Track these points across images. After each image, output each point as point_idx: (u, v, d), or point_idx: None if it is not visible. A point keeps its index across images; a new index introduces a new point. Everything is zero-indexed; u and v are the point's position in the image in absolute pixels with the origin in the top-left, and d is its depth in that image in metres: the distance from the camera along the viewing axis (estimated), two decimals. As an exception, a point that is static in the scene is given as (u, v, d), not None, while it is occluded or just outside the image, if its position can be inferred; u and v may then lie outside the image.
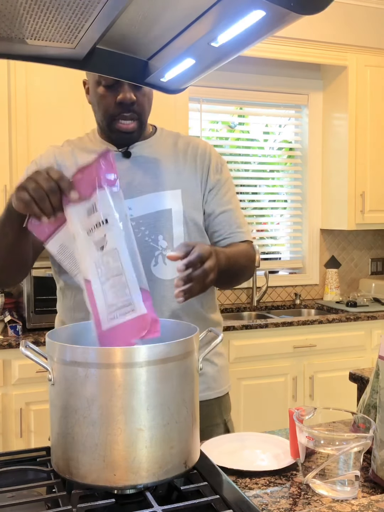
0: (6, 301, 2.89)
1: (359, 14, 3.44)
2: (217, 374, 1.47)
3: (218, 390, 1.47)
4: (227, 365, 1.54)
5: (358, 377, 1.65)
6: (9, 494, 0.94)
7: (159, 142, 1.45)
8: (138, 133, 1.39)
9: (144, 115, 1.38)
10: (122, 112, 1.33)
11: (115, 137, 1.39)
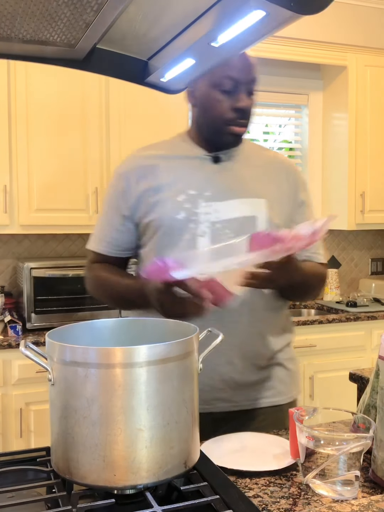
0: (6, 301, 2.89)
1: (359, 14, 3.44)
2: (288, 380, 1.46)
3: (289, 395, 1.46)
4: (298, 369, 1.53)
5: (358, 377, 1.65)
6: (9, 494, 0.94)
7: (245, 150, 1.46)
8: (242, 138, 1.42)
9: (250, 122, 1.41)
10: (238, 118, 1.35)
11: (223, 139, 1.39)
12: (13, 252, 3.10)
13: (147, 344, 0.88)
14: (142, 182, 1.40)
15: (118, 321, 1.12)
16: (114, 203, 1.44)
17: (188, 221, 1.36)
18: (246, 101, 1.35)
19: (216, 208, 1.37)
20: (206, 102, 1.38)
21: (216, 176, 1.41)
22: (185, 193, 1.38)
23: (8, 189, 2.75)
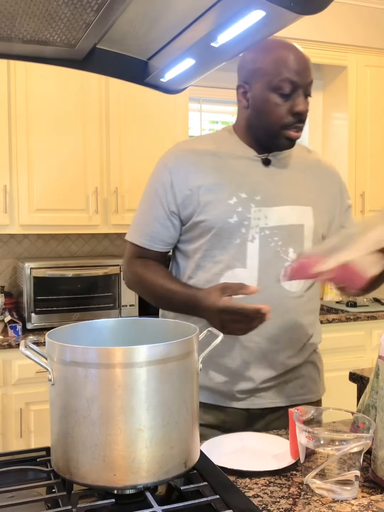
0: (6, 301, 2.89)
1: (359, 14, 3.44)
2: (318, 378, 1.48)
3: (317, 393, 1.47)
4: (323, 368, 1.55)
5: (358, 377, 1.65)
6: (9, 494, 0.94)
7: (293, 154, 1.44)
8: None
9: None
10: (296, 122, 1.32)
11: (277, 143, 1.36)
12: (13, 252, 3.10)
13: (147, 344, 0.88)
14: (192, 179, 1.36)
15: (118, 321, 1.12)
16: (160, 197, 1.39)
17: (240, 226, 1.34)
18: (305, 104, 1.32)
19: (265, 214, 1.35)
20: (263, 105, 1.34)
21: (266, 179, 1.38)
22: (237, 196, 1.35)
23: (8, 189, 2.75)
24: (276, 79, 1.29)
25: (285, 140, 1.35)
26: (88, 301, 2.82)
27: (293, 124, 1.32)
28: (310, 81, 1.34)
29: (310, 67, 1.35)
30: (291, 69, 1.29)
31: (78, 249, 3.22)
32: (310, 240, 1.39)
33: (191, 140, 1.49)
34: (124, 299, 2.87)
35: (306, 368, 1.45)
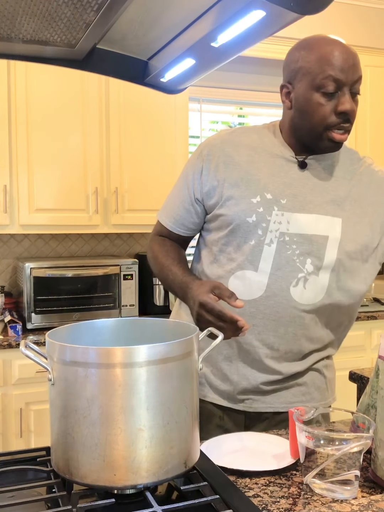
0: (6, 301, 2.89)
1: (359, 14, 3.44)
2: (324, 386, 1.44)
3: (323, 402, 1.43)
4: (335, 376, 1.50)
5: (358, 377, 1.65)
6: (9, 494, 0.94)
7: (337, 161, 1.37)
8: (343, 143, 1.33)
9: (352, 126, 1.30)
10: (341, 122, 1.25)
11: (322, 146, 1.30)
12: (13, 252, 3.10)
13: (147, 344, 0.88)
14: (221, 171, 1.34)
15: (118, 321, 1.12)
16: (189, 183, 1.40)
17: (257, 227, 1.30)
18: (350, 103, 1.24)
19: (288, 219, 1.29)
20: (306, 105, 1.27)
21: (297, 183, 1.32)
22: (262, 195, 1.31)
23: (8, 189, 2.75)
24: (319, 77, 1.23)
25: (329, 142, 1.28)
26: (88, 301, 2.82)
27: (337, 124, 1.25)
28: (358, 78, 1.24)
29: (357, 63, 1.25)
30: (334, 66, 1.21)
31: (78, 249, 3.22)
32: (335, 253, 1.30)
33: (234, 130, 1.43)
34: (124, 299, 2.87)
35: (309, 376, 1.40)
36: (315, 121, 1.27)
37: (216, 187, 1.34)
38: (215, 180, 1.34)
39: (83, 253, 3.24)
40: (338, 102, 1.24)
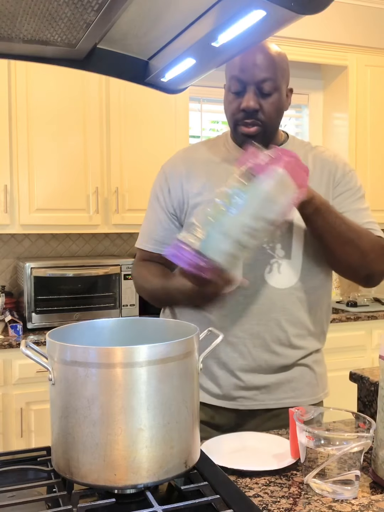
0: (7, 301, 2.89)
1: (359, 14, 3.44)
2: (315, 382, 1.45)
3: (314, 397, 1.45)
4: (325, 372, 1.52)
5: (358, 377, 1.65)
6: (9, 494, 0.94)
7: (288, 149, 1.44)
8: (261, 138, 1.38)
9: (270, 123, 1.37)
10: (244, 118, 1.35)
11: (239, 141, 1.41)
12: (13, 252, 3.10)
13: (147, 344, 0.88)
14: (185, 185, 1.43)
15: (118, 321, 1.12)
16: (161, 201, 1.47)
17: None
18: (250, 101, 1.33)
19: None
20: (224, 104, 1.41)
21: None
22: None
23: (9, 189, 2.75)
24: (228, 78, 1.38)
25: (241, 136, 1.39)
26: (88, 301, 2.82)
27: (242, 120, 1.36)
28: (263, 78, 1.33)
29: (263, 64, 1.33)
30: (236, 66, 1.33)
31: (79, 249, 3.23)
32: (301, 235, 1.37)
33: (188, 148, 1.55)
34: (124, 299, 2.87)
35: (298, 371, 1.42)
36: (228, 118, 1.41)
37: (182, 200, 1.43)
38: (181, 194, 1.43)
39: (83, 253, 3.24)
40: (242, 100, 1.34)
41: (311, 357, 1.44)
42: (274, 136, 1.44)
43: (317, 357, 1.47)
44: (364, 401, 1.41)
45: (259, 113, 1.35)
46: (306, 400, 1.43)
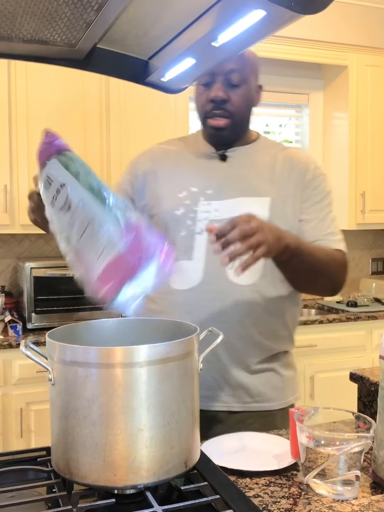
0: (6, 301, 2.89)
1: (360, 14, 3.44)
2: (282, 386, 1.43)
3: (282, 401, 1.43)
4: (295, 376, 1.50)
5: (359, 377, 1.65)
6: (9, 494, 0.94)
7: (258, 150, 1.45)
8: (231, 131, 1.39)
9: (238, 115, 1.38)
10: (213, 109, 1.36)
11: (209, 134, 1.42)
12: (13, 252, 3.10)
13: (147, 344, 0.88)
14: (151, 175, 1.44)
15: (118, 321, 1.12)
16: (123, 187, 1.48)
17: (186, 218, 1.37)
18: (218, 91, 1.33)
19: (216, 207, 1.37)
20: (194, 97, 1.42)
21: (220, 174, 1.41)
22: (188, 190, 1.39)
23: (9, 189, 2.75)
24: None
25: (210, 129, 1.39)
26: (88, 301, 2.80)
27: (211, 111, 1.36)
28: (230, 69, 1.34)
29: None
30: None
31: (79, 249, 3.22)
32: None
33: (164, 142, 1.55)
34: (124, 299, 2.87)
35: (265, 375, 1.40)
36: (198, 111, 1.42)
37: (145, 190, 1.44)
38: (145, 184, 1.44)
39: (83, 253, 3.23)
40: (211, 90, 1.35)
41: (277, 360, 1.42)
42: (244, 132, 1.44)
43: (285, 361, 1.45)
44: (364, 401, 1.41)
45: (228, 104, 1.35)
46: (272, 404, 1.41)
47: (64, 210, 0.97)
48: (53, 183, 0.99)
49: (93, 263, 0.95)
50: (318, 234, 1.38)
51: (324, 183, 1.44)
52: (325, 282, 1.38)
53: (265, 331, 1.38)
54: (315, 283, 1.39)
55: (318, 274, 1.34)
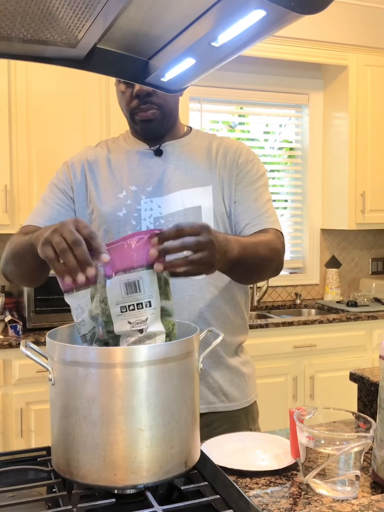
0: (7, 301, 2.89)
1: (360, 14, 3.44)
2: (243, 384, 1.44)
3: (245, 400, 1.43)
4: (254, 372, 1.50)
5: (359, 377, 1.65)
6: (9, 494, 0.94)
7: (192, 142, 1.46)
8: (160, 122, 1.39)
9: (165, 106, 1.37)
10: (140, 104, 1.36)
11: (139, 129, 1.42)
12: (13, 252, 3.10)
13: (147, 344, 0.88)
14: (89, 179, 1.42)
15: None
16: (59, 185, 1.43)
17: (130, 218, 1.35)
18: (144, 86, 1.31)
19: (158, 203, 1.36)
20: (118, 96, 1.42)
21: (158, 170, 1.40)
22: (127, 189, 1.38)
23: (8, 189, 2.75)
24: None
25: (141, 123, 1.39)
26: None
27: (137, 106, 1.36)
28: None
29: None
30: None
31: (79, 249, 3.22)
32: (211, 220, 1.35)
33: (94, 145, 1.54)
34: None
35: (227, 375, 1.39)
36: (123, 107, 1.41)
37: (84, 192, 1.41)
38: (83, 187, 1.41)
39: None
40: (134, 86, 1.34)
41: (238, 357, 1.43)
42: (174, 123, 1.44)
43: (244, 359, 1.45)
44: (364, 401, 1.41)
45: (153, 97, 1.35)
46: (236, 404, 1.41)
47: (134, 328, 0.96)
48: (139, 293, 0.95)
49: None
50: (252, 214, 1.37)
51: (256, 166, 1.44)
52: (268, 271, 1.36)
53: (224, 323, 1.38)
54: (260, 275, 1.38)
55: (262, 268, 1.32)
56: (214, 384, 1.39)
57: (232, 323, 1.41)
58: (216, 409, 1.39)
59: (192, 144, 1.45)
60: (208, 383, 1.38)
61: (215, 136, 1.49)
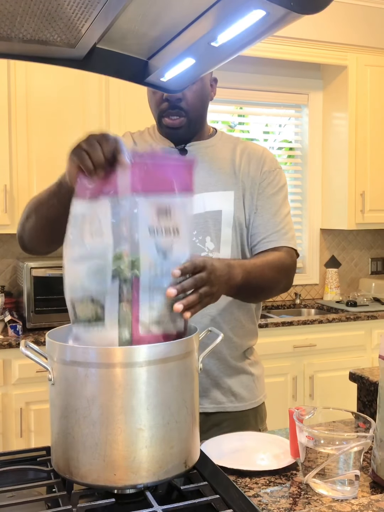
0: (6, 301, 2.89)
1: (359, 14, 3.44)
2: (252, 385, 1.44)
3: (254, 400, 1.43)
4: (263, 373, 1.50)
5: (358, 377, 1.65)
6: (9, 494, 0.94)
7: (217, 144, 1.45)
8: (186, 130, 1.38)
9: (194, 112, 1.36)
10: (168, 108, 1.34)
11: (164, 133, 1.41)
12: (13, 252, 3.10)
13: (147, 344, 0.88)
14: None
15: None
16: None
17: None
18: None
19: None
20: (148, 96, 1.41)
21: None
22: None
23: (8, 189, 2.75)
24: None
25: (166, 128, 1.38)
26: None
27: (166, 110, 1.35)
28: None
29: None
30: None
31: (78, 249, 3.22)
32: (230, 226, 1.35)
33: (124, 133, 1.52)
34: (124, 298, 2.87)
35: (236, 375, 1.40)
36: (152, 109, 1.40)
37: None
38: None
39: (83, 252, 3.24)
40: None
41: (246, 358, 1.44)
42: (200, 128, 1.43)
43: (253, 360, 1.46)
44: (364, 401, 1.41)
45: (183, 102, 1.33)
46: (245, 404, 1.41)
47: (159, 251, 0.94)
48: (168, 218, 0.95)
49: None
50: (270, 229, 1.37)
51: (278, 176, 1.45)
52: (276, 291, 1.39)
53: (236, 327, 1.39)
54: (267, 296, 1.43)
55: (269, 289, 1.35)
56: (224, 385, 1.39)
57: (243, 327, 1.42)
58: (225, 409, 1.39)
59: (216, 147, 1.44)
60: (218, 384, 1.38)
61: (240, 140, 1.49)
